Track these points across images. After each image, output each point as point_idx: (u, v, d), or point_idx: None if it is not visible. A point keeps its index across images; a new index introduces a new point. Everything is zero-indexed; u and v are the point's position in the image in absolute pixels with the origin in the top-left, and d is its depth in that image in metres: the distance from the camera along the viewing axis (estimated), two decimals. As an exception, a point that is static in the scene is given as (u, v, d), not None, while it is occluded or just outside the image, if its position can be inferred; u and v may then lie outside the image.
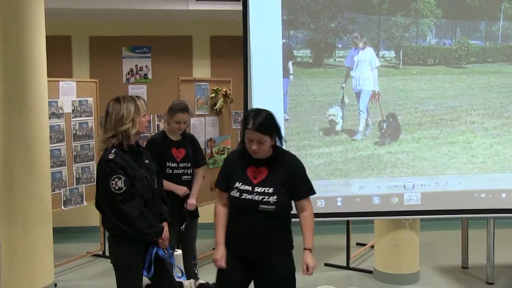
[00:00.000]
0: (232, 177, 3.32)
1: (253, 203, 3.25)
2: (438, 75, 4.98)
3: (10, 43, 4.85)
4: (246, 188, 3.26)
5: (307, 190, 3.42)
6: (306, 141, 4.87)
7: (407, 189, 4.89)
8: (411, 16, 4.90)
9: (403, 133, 4.91)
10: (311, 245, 3.46)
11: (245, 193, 3.26)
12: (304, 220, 3.43)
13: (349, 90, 4.92)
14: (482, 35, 4.99)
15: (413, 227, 5.47)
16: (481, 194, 4.91)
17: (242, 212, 3.29)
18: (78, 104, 5.87)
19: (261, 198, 3.24)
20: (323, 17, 4.89)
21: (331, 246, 6.75)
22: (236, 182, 3.29)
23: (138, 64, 7.66)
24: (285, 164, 3.34)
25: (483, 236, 5.61)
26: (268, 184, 3.26)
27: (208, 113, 6.13)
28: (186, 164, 4.88)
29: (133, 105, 3.50)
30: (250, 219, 3.27)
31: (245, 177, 3.30)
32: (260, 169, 3.31)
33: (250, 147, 3.23)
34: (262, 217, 3.26)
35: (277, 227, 3.33)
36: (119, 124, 3.46)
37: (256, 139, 3.21)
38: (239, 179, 3.29)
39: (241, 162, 3.34)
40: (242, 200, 3.26)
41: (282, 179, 3.29)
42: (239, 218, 3.32)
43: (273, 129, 3.28)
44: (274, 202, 3.24)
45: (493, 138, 4.92)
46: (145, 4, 6.77)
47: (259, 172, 3.30)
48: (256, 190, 3.25)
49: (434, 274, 5.84)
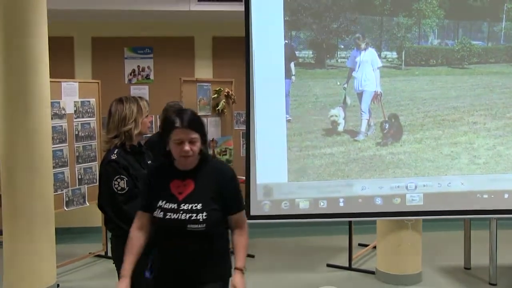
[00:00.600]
0: (154, 195, 2.85)
1: (179, 224, 2.76)
2: (440, 76, 4.97)
3: (13, 44, 4.86)
4: (170, 207, 2.78)
5: (240, 203, 2.95)
6: (308, 141, 4.87)
7: (410, 189, 4.88)
8: (413, 17, 4.90)
9: (405, 134, 4.90)
10: (243, 264, 2.92)
11: (169, 213, 2.77)
12: (237, 237, 2.92)
13: (351, 90, 4.91)
14: (484, 35, 4.99)
15: (415, 228, 5.47)
16: (484, 195, 4.90)
17: (168, 235, 2.82)
18: (80, 105, 5.88)
19: (189, 216, 2.76)
20: (325, 18, 4.90)
21: (333, 247, 6.75)
22: (159, 201, 2.81)
23: (140, 65, 7.67)
24: (214, 174, 2.86)
25: (486, 236, 5.60)
26: (196, 199, 2.79)
27: (210, 113, 6.14)
28: None
29: (136, 105, 3.51)
30: (178, 242, 2.80)
31: (169, 194, 2.81)
32: (186, 182, 2.82)
33: (182, 150, 2.74)
34: (192, 239, 2.78)
35: (211, 250, 2.85)
36: (121, 125, 3.47)
37: (188, 139, 2.74)
38: (162, 196, 2.81)
39: (163, 177, 2.85)
40: (167, 221, 2.78)
41: (211, 192, 2.82)
42: (166, 242, 2.86)
43: (202, 127, 2.85)
44: (204, 220, 2.75)
45: (495, 138, 4.92)
46: (147, 5, 6.78)
47: (185, 186, 2.82)
48: (182, 208, 2.77)
49: (437, 274, 5.83)
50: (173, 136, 2.74)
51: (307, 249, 6.83)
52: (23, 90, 4.89)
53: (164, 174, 2.86)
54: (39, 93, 4.99)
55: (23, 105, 4.90)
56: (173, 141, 2.74)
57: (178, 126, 2.72)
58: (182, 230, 2.76)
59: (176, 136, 2.73)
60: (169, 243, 2.83)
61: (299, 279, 5.78)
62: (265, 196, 4.88)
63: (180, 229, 2.77)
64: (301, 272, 5.99)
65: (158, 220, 2.81)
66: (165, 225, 2.80)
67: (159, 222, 2.82)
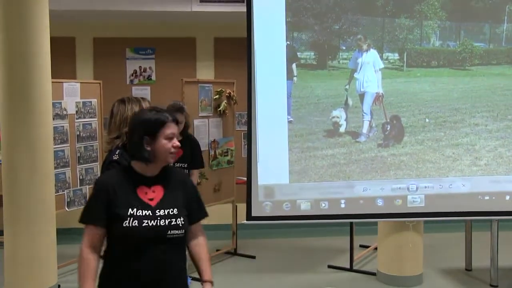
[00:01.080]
0: (116, 205, 2.54)
1: (160, 230, 2.54)
2: (442, 77, 4.97)
3: (14, 44, 4.86)
4: (145, 214, 2.54)
5: (203, 211, 2.79)
6: (310, 143, 4.87)
7: (411, 191, 4.88)
8: (415, 18, 4.89)
9: (407, 135, 4.90)
10: (211, 276, 2.77)
11: (146, 220, 2.52)
12: (200, 248, 2.76)
13: (353, 92, 4.91)
14: (486, 37, 4.98)
15: (416, 229, 5.47)
16: (485, 196, 4.89)
17: (142, 246, 2.53)
18: (82, 105, 5.88)
19: (168, 222, 2.56)
20: (327, 19, 4.90)
21: (334, 248, 6.75)
22: (129, 209, 2.53)
23: (142, 65, 7.68)
24: (178, 180, 2.73)
25: (487, 238, 5.60)
26: (170, 205, 2.60)
27: (212, 114, 6.13)
28: (182, 164, 4.90)
29: (138, 106, 3.50)
30: (154, 253, 2.54)
31: (139, 200, 2.58)
32: (154, 189, 2.63)
33: (172, 145, 2.61)
34: (170, 248, 2.58)
35: (182, 259, 2.69)
36: (123, 126, 3.46)
37: (177, 134, 2.65)
38: (132, 204, 2.55)
39: (125, 184, 2.60)
40: (144, 230, 2.51)
41: (181, 198, 2.67)
42: (137, 257, 2.53)
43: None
44: (182, 226, 2.59)
45: (497, 140, 4.91)
46: (149, 6, 6.78)
47: (154, 193, 2.63)
48: (158, 214, 2.56)
49: (438, 276, 5.83)
50: (166, 131, 2.59)
51: (308, 250, 6.83)
52: (25, 91, 4.90)
53: (127, 181, 2.61)
54: (41, 94, 4.99)
55: (25, 106, 4.91)
56: (165, 137, 2.58)
57: (169, 119, 2.61)
58: (161, 238, 2.55)
59: (169, 130, 2.60)
60: (141, 256, 2.53)
61: (300, 280, 5.78)
62: (266, 197, 4.88)
63: (158, 237, 2.54)
64: (302, 273, 5.99)
65: (132, 230, 2.51)
66: (142, 234, 2.51)
67: (133, 233, 2.51)
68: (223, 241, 6.84)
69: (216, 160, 6.19)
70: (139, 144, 2.59)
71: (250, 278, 5.87)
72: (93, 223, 2.56)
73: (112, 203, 2.55)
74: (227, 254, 6.58)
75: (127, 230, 2.51)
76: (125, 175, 2.64)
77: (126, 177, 2.63)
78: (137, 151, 2.60)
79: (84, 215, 2.60)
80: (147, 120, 2.61)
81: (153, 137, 2.58)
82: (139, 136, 2.59)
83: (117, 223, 2.52)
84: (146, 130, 2.58)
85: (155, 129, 2.58)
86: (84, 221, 2.58)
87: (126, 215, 2.53)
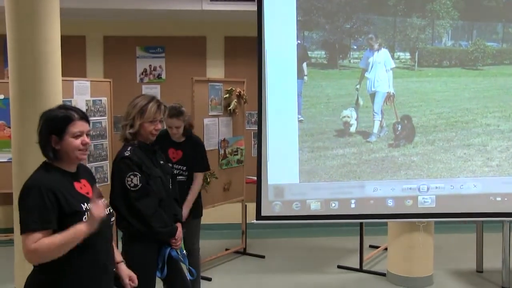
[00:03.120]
0: (68, 203, 2.53)
1: (108, 219, 2.69)
2: (453, 77, 4.94)
3: (25, 42, 4.87)
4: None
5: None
6: (320, 142, 4.85)
7: (422, 191, 4.85)
8: (427, 18, 4.86)
9: (418, 135, 4.87)
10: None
11: None
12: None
13: (364, 91, 4.89)
14: (499, 36, 4.94)
15: (427, 230, 5.44)
16: (497, 197, 4.86)
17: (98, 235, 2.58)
18: (92, 104, 5.88)
19: (108, 210, 2.71)
20: (338, 18, 4.87)
21: (344, 248, 6.73)
22: (81, 205, 2.57)
23: (152, 64, 7.68)
24: (89, 172, 2.87)
25: (499, 239, 5.56)
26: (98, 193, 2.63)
27: (222, 113, 6.12)
28: (181, 167, 4.86)
29: (140, 107, 3.50)
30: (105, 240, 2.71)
31: (82, 195, 2.63)
32: (83, 182, 2.70)
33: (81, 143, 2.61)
34: (110, 232, 2.79)
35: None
36: (123, 119, 3.54)
37: (86, 131, 2.67)
38: (80, 199, 2.60)
39: (64, 183, 2.59)
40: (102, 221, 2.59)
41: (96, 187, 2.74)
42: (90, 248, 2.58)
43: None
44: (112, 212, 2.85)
45: (509, 140, 4.87)
46: (159, 5, 6.79)
47: (85, 186, 2.69)
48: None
49: (448, 277, 5.80)
50: (72, 129, 2.58)
51: (318, 250, 6.81)
52: (35, 89, 4.90)
53: (62, 179, 2.59)
54: (51, 92, 4.99)
55: (35, 104, 4.91)
56: (72, 134, 2.58)
57: (76, 118, 2.61)
58: (107, 225, 2.71)
59: (77, 128, 2.59)
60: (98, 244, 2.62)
61: (310, 280, 5.77)
62: (276, 197, 4.87)
63: (106, 225, 2.68)
64: (312, 273, 5.97)
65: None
66: (101, 226, 2.56)
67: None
68: (233, 240, 6.84)
69: (226, 159, 6.18)
70: (44, 142, 2.60)
71: (259, 278, 5.86)
72: (49, 227, 2.47)
73: (63, 202, 2.51)
74: (236, 254, 6.57)
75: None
76: (55, 173, 2.60)
77: (58, 175, 2.60)
78: (43, 149, 2.62)
79: (34, 222, 2.44)
80: (52, 118, 2.62)
81: (60, 135, 2.58)
82: (45, 134, 2.60)
83: (74, 220, 2.50)
84: (52, 128, 2.59)
85: (61, 127, 2.58)
86: (37, 228, 2.44)
87: (83, 210, 2.56)
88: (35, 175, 2.63)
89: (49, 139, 2.58)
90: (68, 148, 2.59)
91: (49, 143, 2.58)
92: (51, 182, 2.54)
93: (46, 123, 2.62)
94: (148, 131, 3.51)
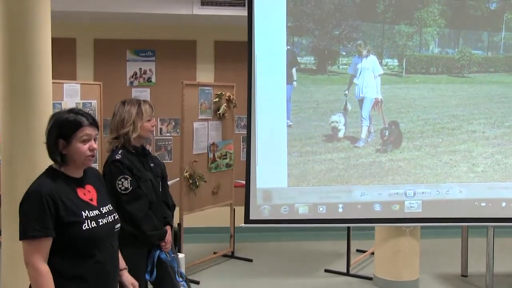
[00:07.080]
0: (68, 211, 2.51)
1: (111, 226, 2.67)
2: (440, 84, 5.01)
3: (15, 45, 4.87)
4: (96, 213, 2.60)
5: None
6: (309, 147, 4.90)
7: (408, 196, 4.91)
8: (414, 25, 4.93)
9: (405, 141, 4.93)
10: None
11: (99, 219, 2.60)
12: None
13: (352, 97, 4.94)
14: (484, 45, 5.02)
15: (413, 235, 5.49)
16: (482, 202, 4.93)
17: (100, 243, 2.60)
18: (82, 106, 5.90)
19: (112, 217, 2.69)
20: (328, 24, 4.93)
21: (331, 252, 6.77)
22: (82, 212, 2.54)
23: (142, 67, 7.69)
24: (98, 176, 2.82)
25: (483, 244, 5.62)
26: (105, 201, 2.71)
27: (212, 117, 6.16)
28: None
29: (136, 109, 3.55)
30: (109, 248, 2.67)
31: (85, 202, 2.60)
32: (88, 188, 2.67)
33: (89, 148, 2.57)
34: (115, 240, 2.74)
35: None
36: (120, 127, 3.55)
37: (94, 136, 2.62)
38: (81, 207, 2.56)
39: (66, 189, 2.56)
40: (103, 228, 2.60)
41: (106, 195, 2.80)
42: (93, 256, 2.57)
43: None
44: (118, 218, 2.77)
45: (494, 147, 4.95)
46: (150, 8, 6.81)
47: (89, 192, 2.66)
48: (103, 211, 2.65)
49: (434, 281, 5.86)
50: (80, 134, 2.55)
51: (305, 254, 6.85)
52: (25, 91, 4.90)
53: (64, 185, 2.57)
54: (41, 94, 5.00)
55: (25, 106, 4.92)
56: (80, 141, 2.55)
57: (85, 124, 2.57)
58: (111, 232, 2.68)
59: (84, 133, 2.56)
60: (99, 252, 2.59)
61: (297, 284, 5.80)
62: (264, 201, 4.90)
63: (110, 232, 2.66)
64: (299, 277, 6.01)
65: (93, 231, 2.55)
66: (102, 233, 2.59)
67: (94, 233, 2.55)
68: (221, 244, 6.86)
69: (215, 163, 6.21)
70: (52, 147, 2.58)
71: (247, 282, 5.88)
72: (48, 235, 2.46)
73: (61, 210, 2.49)
74: (224, 257, 6.59)
75: (88, 232, 2.53)
76: (58, 180, 2.56)
77: (61, 181, 2.57)
78: (50, 153, 2.59)
79: (34, 229, 2.44)
80: (62, 122, 2.58)
81: (68, 140, 2.55)
82: (53, 138, 2.56)
83: (73, 228, 2.50)
84: (60, 133, 2.56)
85: (70, 132, 2.55)
86: (37, 235, 2.44)
87: (82, 218, 2.53)
88: (38, 181, 2.59)
89: (56, 143, 2.56)
90: (75, 154, 2.56)
91: (57, 148, 2.56)
92: (53, 189, 2.51)
93: (54, 127, 2.59)
94: (148, 129, 3.61)
